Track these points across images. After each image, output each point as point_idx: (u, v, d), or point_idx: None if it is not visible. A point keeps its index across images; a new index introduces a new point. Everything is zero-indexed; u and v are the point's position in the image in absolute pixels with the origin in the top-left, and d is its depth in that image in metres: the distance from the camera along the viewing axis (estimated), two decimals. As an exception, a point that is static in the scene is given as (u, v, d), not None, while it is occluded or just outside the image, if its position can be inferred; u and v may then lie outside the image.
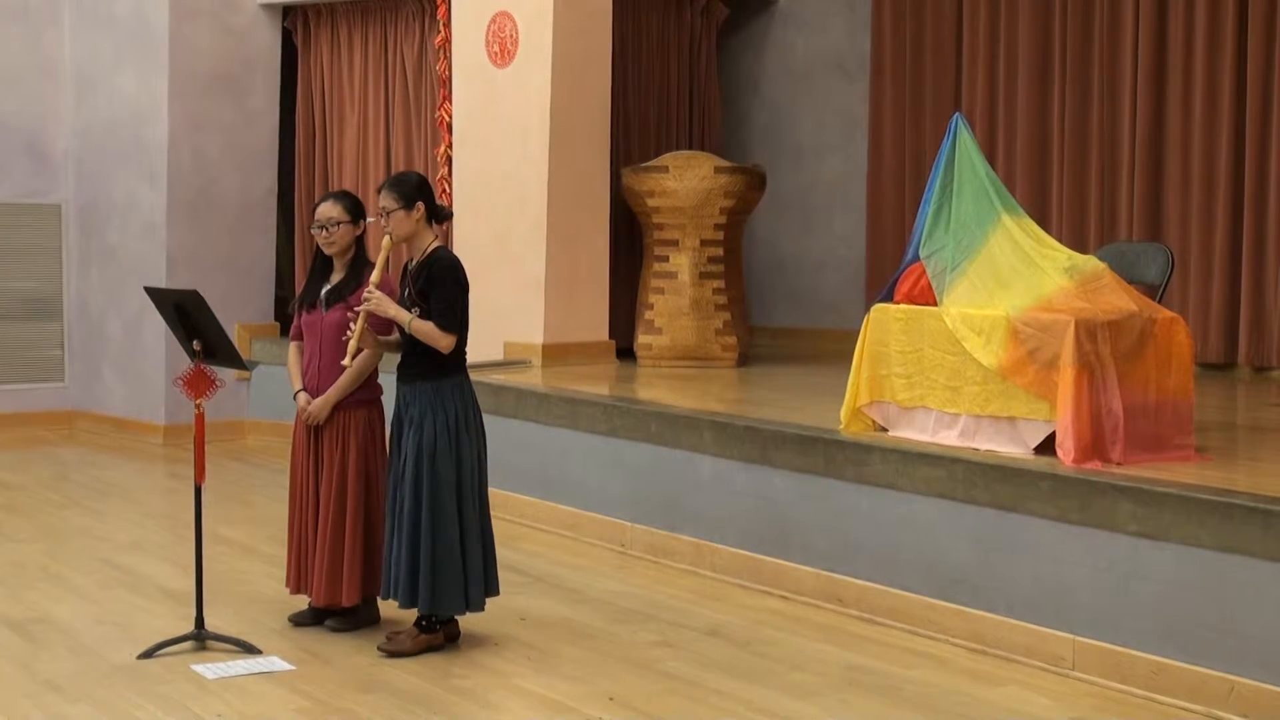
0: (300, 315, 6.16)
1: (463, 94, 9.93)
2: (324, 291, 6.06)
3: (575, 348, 9.57)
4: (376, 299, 5.60)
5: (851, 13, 11.08)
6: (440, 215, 5.81)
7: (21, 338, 11.79)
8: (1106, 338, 5.81)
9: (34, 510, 8.74)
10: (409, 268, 5.78)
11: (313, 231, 6.09)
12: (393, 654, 5.68)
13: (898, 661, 5.72)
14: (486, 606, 5.82)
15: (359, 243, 6.10)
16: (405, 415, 5.73)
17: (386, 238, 5.71)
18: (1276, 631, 4.89)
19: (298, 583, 6.10)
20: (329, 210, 6.01)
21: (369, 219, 6.16)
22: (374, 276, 5.69)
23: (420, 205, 5.70)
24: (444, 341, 5.61)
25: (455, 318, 5.63)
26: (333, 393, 5.98)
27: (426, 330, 5.58)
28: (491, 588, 5.84)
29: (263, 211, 11.70)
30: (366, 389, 6.05)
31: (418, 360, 5.71)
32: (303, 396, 6.06)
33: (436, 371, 5.67)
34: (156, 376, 11.16)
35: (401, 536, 5.66)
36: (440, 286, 5.62)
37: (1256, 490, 5.19)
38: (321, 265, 6.14)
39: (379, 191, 5.79)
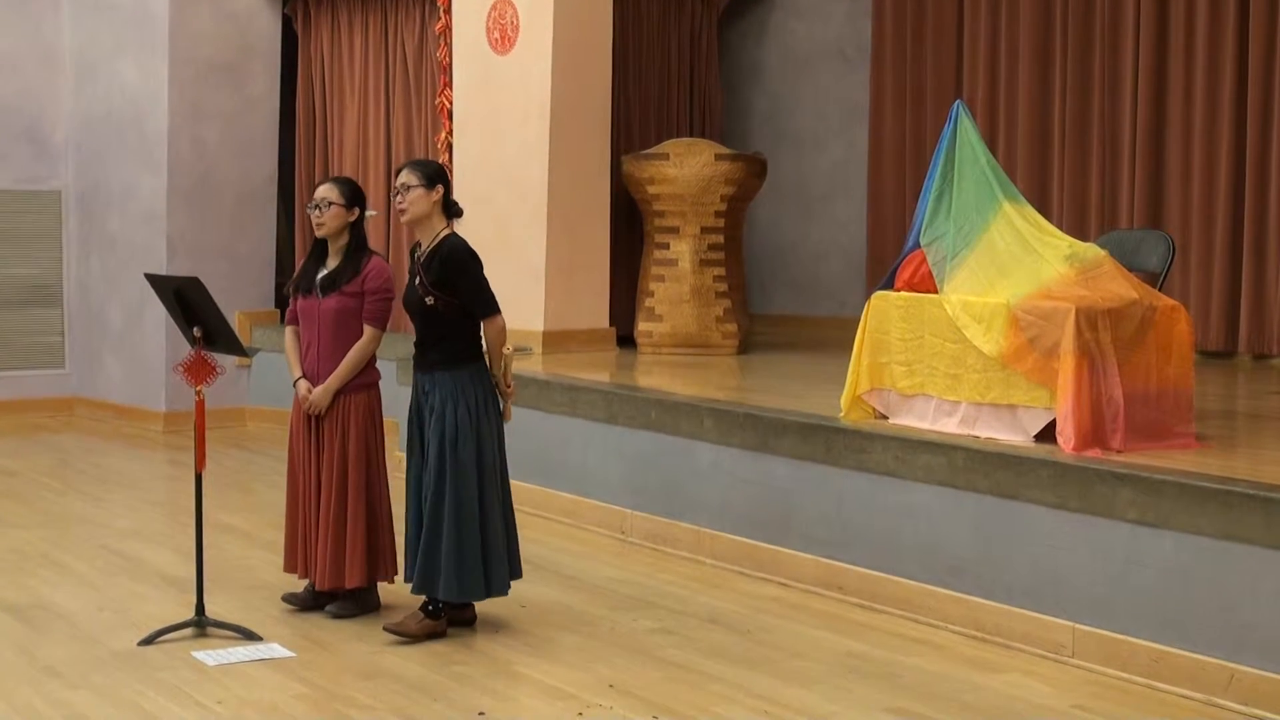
0: (296, 300, 6.17)
1: (463, 81, 9.92)
2: (319, 278, 6.07)
3: (576, 335, 9.57)
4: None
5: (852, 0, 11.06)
6: (452, 209, 5.83)
7: (22, 324, 11.79)
8: (1107, 325, 5.81)
9: (34, 497, 8.75)
10: (416, 254, 5.80)
11: (308, 211, 6.12)
12: (397, 634, 5.70)
13: (897, 649, 5.73)
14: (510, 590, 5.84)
15: (355, 231, 6.09)
16: (425, 404, 5.75)
17: None
18: (1277, 620, 4.90)
19: (304, 568, 6.11)
20: (324, 191, 6.05)
21: (370, 212, 6.19)
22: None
23: (440, 188, 5.77)
24: (500, 325, 5.77)
25: (491, 298, 5.75)
26: (333, 381, 5.99)
27: (495, 344, 5.78)
28: (515, 571, 5.89)
29: (263, 198, 11.69)
30: (365, 374, 6.07)
31: (435, 349, 5.74)
32: (303, 385, 6.07)
33: (454, 360, 5.71)
34: (157, 363, 11.16)
35: (423, 523, 5.68)
36: (464, 275, 5.68)
37: (1257, 478, 5.19)
38: (318, 250, 6.15)
39: (398, 172, 5.81)
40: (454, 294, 5.66)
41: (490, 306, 5.73)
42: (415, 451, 5.83)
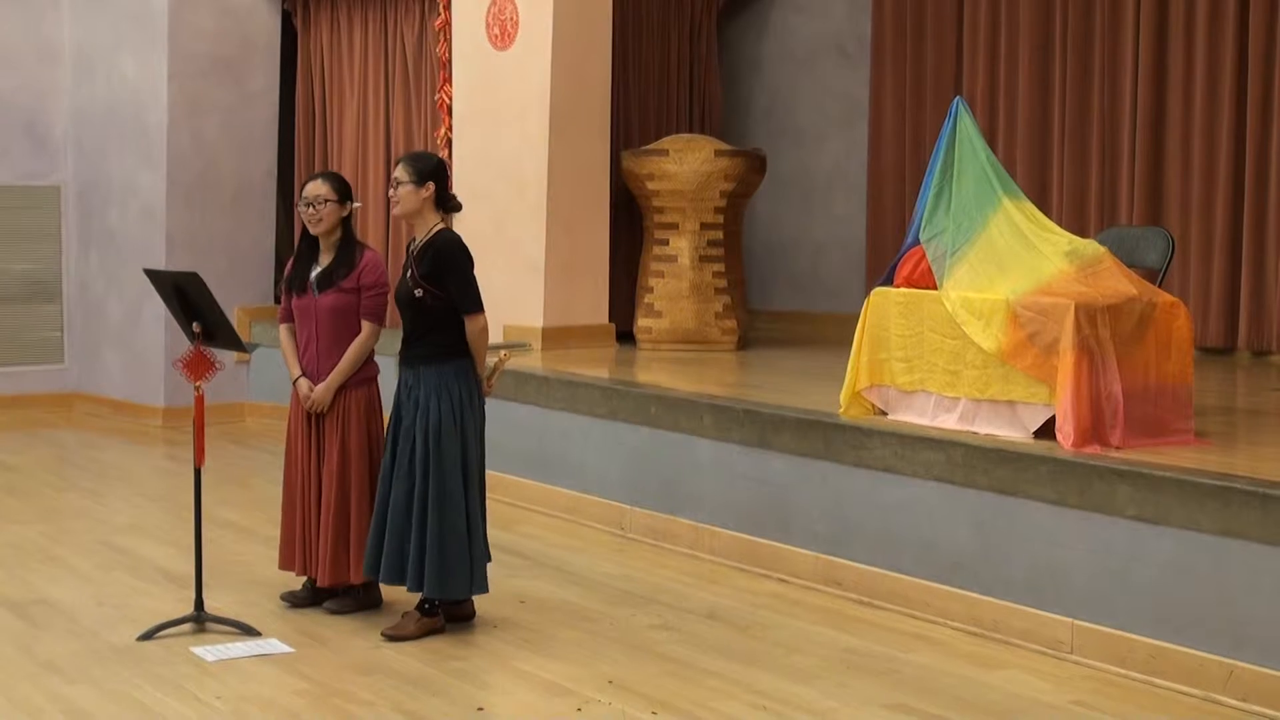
0: (290, 298, 6.16)
1: (463, 77, 9.91)
2: (314, 275, 6.06)
3: (575, 331, 9.56)
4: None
5: (852, -4, 11.05)
6: (448, 205, 5.84)
7: (21, 319, 11.78)
8: (1106, 322, 5.81)
9: (33, 492, 8.75)
10: (411, 248, 5.81)
11: (299, 209, 6.11)
12: (395, 638, 5.69)
13: (896, 645, 5.73)
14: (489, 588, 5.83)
15: (346, 225, 6.10)
16: (409, 398, 5.75)
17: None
18: (1275, 615, 4.90)
19: (304, 565, 6.10)
20: (317, 188, 6.03)
21: (355, 204, 6.19)
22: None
23: (430, 185, 5.75)
24: (482, 324, 5.75)
25: (476, 296, 5.74)
26: (334, 378, 6.00)
27: (476, 344, 5.74)
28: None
29: (262, 194, 11.68)
30: (364, 369, 6.08)
31: (421, 344, 5.74)
32: (304, 383, 6.06)
33: (440, 355, 5.71)
34: (156, 359, 11.15)
35: (409, 520, 5.67)
36: (453, 270, 5.69)
37: (1255, 474, 5.20)
38: (307, 246, 6.14)
39: (396, 164, 5.82)
40: (442, 288, 5.67)
41: (474, 305, 5.72)
42: (394, 446, 5.80)
